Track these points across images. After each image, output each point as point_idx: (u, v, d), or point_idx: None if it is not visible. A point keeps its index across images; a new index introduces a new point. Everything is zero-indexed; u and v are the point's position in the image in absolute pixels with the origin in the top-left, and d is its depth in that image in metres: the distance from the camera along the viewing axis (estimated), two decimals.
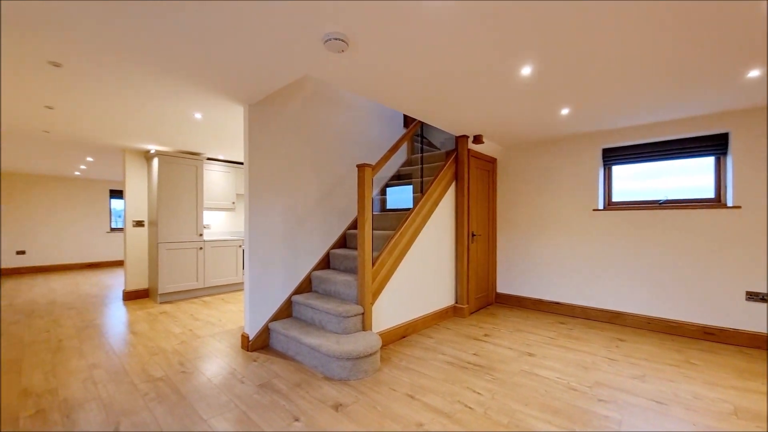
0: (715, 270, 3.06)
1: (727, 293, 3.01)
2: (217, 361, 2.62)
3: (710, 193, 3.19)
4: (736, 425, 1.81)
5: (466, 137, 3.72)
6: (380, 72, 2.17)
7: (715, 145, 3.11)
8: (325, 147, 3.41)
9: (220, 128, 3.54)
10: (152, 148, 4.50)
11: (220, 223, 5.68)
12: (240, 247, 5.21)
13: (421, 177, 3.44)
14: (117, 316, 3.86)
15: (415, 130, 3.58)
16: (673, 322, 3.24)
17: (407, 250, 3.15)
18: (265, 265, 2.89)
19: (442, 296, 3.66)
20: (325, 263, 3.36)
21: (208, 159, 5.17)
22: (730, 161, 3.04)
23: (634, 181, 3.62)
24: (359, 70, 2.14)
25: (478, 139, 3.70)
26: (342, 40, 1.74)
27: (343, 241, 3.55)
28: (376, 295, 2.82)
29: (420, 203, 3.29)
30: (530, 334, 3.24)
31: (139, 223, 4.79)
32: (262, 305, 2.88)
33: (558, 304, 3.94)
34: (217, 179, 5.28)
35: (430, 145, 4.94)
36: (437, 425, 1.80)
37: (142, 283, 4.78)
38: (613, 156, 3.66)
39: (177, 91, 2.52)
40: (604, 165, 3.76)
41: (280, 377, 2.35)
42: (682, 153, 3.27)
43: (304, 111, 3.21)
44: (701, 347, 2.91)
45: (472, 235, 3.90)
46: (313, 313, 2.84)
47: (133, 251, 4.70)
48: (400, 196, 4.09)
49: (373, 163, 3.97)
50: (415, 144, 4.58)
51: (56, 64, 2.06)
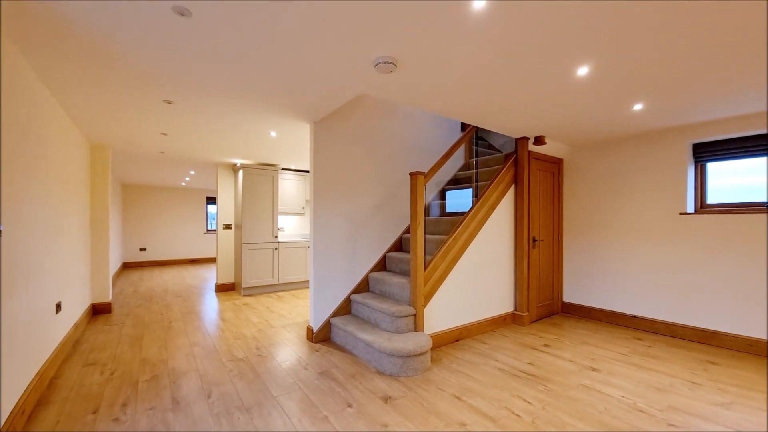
0: None
1: None
2: (286, 349, 2.97)
3: None
4: None
5: (526, 139, 3.60)
6: (429, 86, 2.28)
7: None
8: (384, 155, 3.62)
9: (291, 142, 3.99)
10: (238, 162, 5.23)
11: (292, 226, 6.30)
12: (308, 248, 5.71)
13: (476, 181, 3.42)
14: (210, 305, 4.56)
15: (471, 135, 3.58)
16: None
17: (461, 255, 3.18)
18: (328, 267, 3.19)
19: (500, 302, 3.59)
20: (382, 265, 3.56)
21: (282, 169, 5.79)
22: None
23: (731, 177, 3.12)
24: (409, 87, 2.28)
25: (539, 141, 3.55)
26: (391, 63, 1.90)
27: (399, 245, 3.71)
28: (428, 298, 2.92)
29: (475, 208, 3.29)
30: (598, 349, 3.01)
31: (227, 227, 5.58)
32: (325, 302, 3.18)
33: (636, 318, 3.56)
34: (289, 187, 5.89)
35: (490, 147, 4.84)
36: (480, 427, 1.84)
37: (229, 278, 5.55)
38: (708, 152, 3.20)
39: (258, 116, 2.96)
40: (696, 162, 3.31)
41: (337, 367, 2.59)
42: None
43: (364, 123, 3.46)
44: None
45: (534, 241, 3.74)
46: (369, 312, 3.04)
47: (222, 250, 5.50)
48: (460, 200, 4.11)
49: (426, 171, 4.07)
50: (474, 147, 4.55)
51: (169, 102, 2.61)
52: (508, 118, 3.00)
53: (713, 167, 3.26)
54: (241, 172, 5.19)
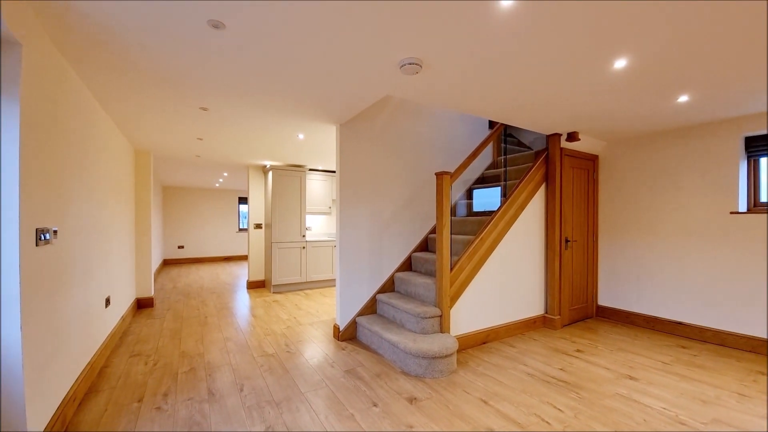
0: None
1: None
2: (313, 346, 3.05)
3: None
4: None
5: (558, 135, 3.46)
6: (455, 86, 2.25)
7: None
8: (409, 155, 3.61)
9: (317, 144, 4.07)
10: (268, 164, 5.40)
11: (319, 226, 6.43)
12: (335, 247, 5.81)
13: (504, 180, 3.33)
14: (242, 301, 4.76)
15: (499, 133, 3.49)
16: None
17: (488, 256, 3.11)
18: (354, 266, 3.23)
19: (530, 305, 3.48)
20: (407, 265, 3.56)
21: (309, 170, 5.92)
22: None
23: None
24: (434, 87, 2.26)
25: (572, 137, 3.40)
26: (416, 64, 1.90)
27: (425, 245, 3.69)
28: (454, 299, 2.88)
29: (503, 207, 3.21)
30: (636, 356, 2.85)
31: (258, 226, 5.79)
32: (351, 301, 3.23)
33: (681, 324, 3.33)
34: (316, 187, 6.01)
35: (520, 144, 4.69)
36: None
37: (260, 275, 5.76)
38: (762, 145, 2.93)
39: (287, 121, 3.04)
40: (748, 157, 3.04)
41: (363, 366, 2.62)
42: None
43: (389, 124, 3.47)
44: None
45: (566, 241, 3.60)
46: (395, 312, 3.05)
47: (253, 249, 5.71)
48: (487, 200, 4.03)
49: (452, 170, 4.01)
50: (502, 145, 4.43)
51: (204, 109, 2.74)
52: (539, 115, 2.90)
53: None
54: (270, 174, 5.36)
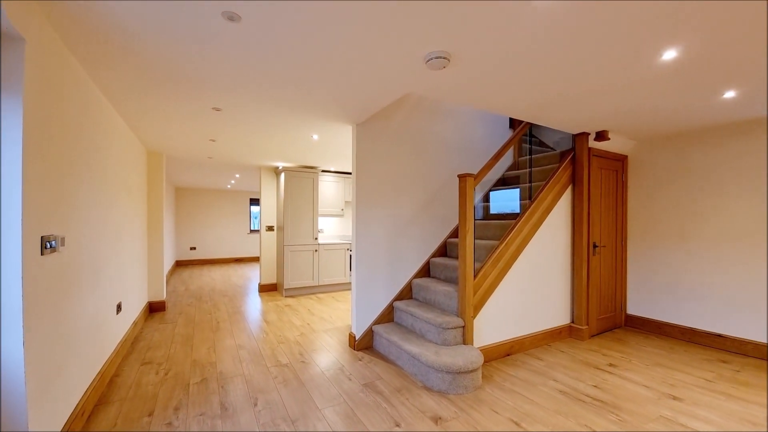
0: None
1: None
2: (328, 356, 2.92)
3: None
4: None
5: (585, 135, 3.27)
6: (484, 82, 2.09)
7: None
8: (427, 156, 3.46)
9: (331, 144, 3.95)
10: (280, 165, 5.32)
11: (331, 228, 6.32)
12: (347, 250, 5.70)
13: (530, 182, 3.16)
14: (254, 305, 4.67)
15: (524, 132, 3.31)
16: None
17: (513, 263, 2.94)
18: (370, 272, 3.10)
19: (555, 314, 3.29)
20: (425, 271, 3.40)
21: (322, 171, 5.81)
22: None
23: None
24: (462, 83, 2.11)
25: (602, 136, 3.21)
26: (444, 57, 1.75)
27: (444, 250, 3.53)
28: (477, 309, 2.72)
29: (528, 211, 3.03)
30: (676, 372, 2.64)
31: (270, 228, 5.71)
32: (367, 309, 3.09)
33: (720, 336, 3.10)
34: (328, 189, 5.90)
35: (542, 144, 4.50)
36: None
37: (271, 278, 5.67)
38: None
39: (302, 121, 2.93)
40: None
41: (382, 379, 2.48)
42: None
43: (407, 123, 3.32)
44: None
45: (594, 247, 3.40)
46: (413, 321, 2.90)
47: (265, 252, 5.63)
48: (506, 203, 3.85)
49: (475, 172, 3.85)
50: (523, 145, 4.24)
51: (217, 109, 2.65)
52: (570, 112, 2.72)
53: None
54: (283, 175, 5.27)
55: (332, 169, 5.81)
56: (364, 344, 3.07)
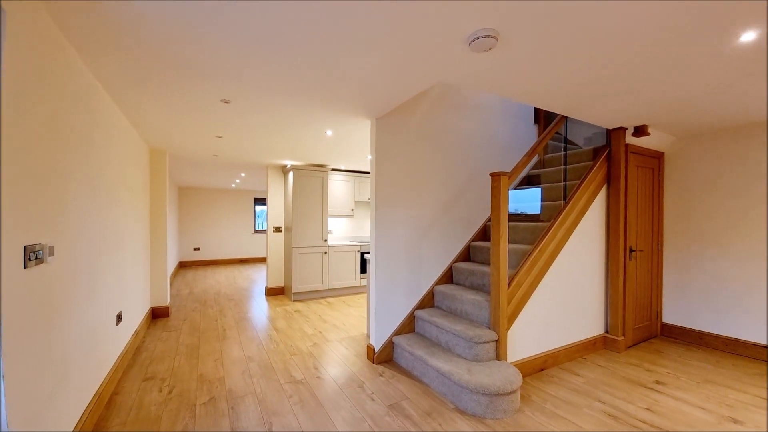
0: None
1: None
2: (346, 370, 2.68)
3: None
4: None
5: (622, 130, 3.01)
6: (527, 67, 1.84)
7: None
8: (449, 153, 3.21)
9: (344, 141, 3.71)
10: (288, 163, 5.08)
11: (341, 229, 6.08)
12: (358, 252, 5.45)
13: (564, 181, 2.91)
14: (262, 310, 4.44)
15: (560, 126, 3.07)
16: None
17: (547, 269, 2.69)
18: (390, 278, 2.86)
19: (589, 324, 3.04)
20: (448, 277, 3.16)
21: (332, 170, 5.57)
22: None
23: None
24: (505, 68, 1.86)
25: (641, 131, 2.95)
26: (492, 37, 1.50)
27: (467, 254, 3.28)
28: (511, 320, 2.48)
29: (563, 213, 2.78)
30: (728, 390, 2.39)
31: (277, 229, 5.48)
32: (387, 318, 2.85)
33: None
34: (338, 188, 5.66)
35: (567, 141, 4.23)
36: None
37: (279, 282, 5.44)
38: None
39: (316, 114, 2.69)
40: None
41: (408, 400, 2.24)
42: None
43: (428, 118, 3.08)
44: None
45: (630, 251, 3.14)
46: (439, 333, 2.66)
47: (272, 254, 5.40)
48: (531, 203, 3.60)
49: (502, 170, 3.60)
50: (549, 142, 3.98)
51: (226, 101, 2.41)
52: (614, 105, 2.46)
53: None
54: (291, 174, 5.04)
55: (342, 168, 5.57)
56: (384, 357, 2.84)
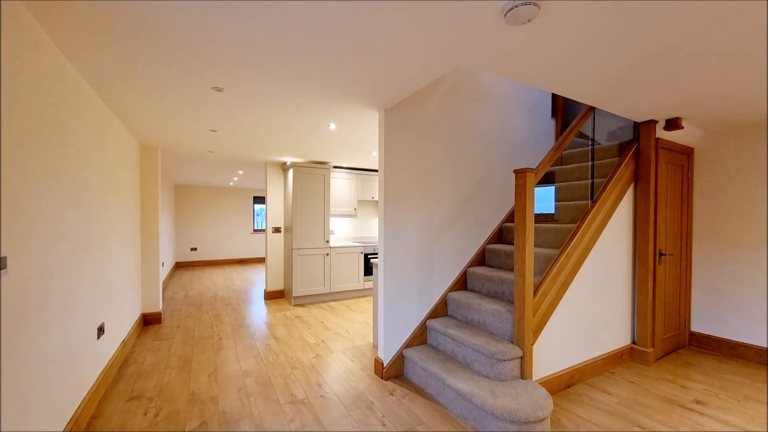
0: None
1: None
2: (352, 387, 2.44)
3: None
4: None
5: (653, 123, 2.76)
6: (567, 46, 1.59)
7: None
8: (462, 149, 2.96)
9: (348, 136, 3.45)
10: (288, 160, 4.82)
11: (343, 230, 5.83)
12: (362, 253, 5.21)
13: (592, 178, 2.66)
14: (260, 316, 4.19)
15: (588, 118, 2.82)
16: None
17: (574, 276, 2.45)
18: (400, 285, 2.61)
19: (615, 334, 2.80)
20: (462, 283, 2.91)
21: (334, 167, 5.31)
22: None
23: None
24: (539, 48, 1.60)
25: (674, 124, 2.70)
26: (534, 5, 1.25)
27: (482, 258, 3.04)
28: (536, 333, 2.23)
29: (591, 214, 2.54)
30: None
31: (276, 230, 5.23)
32: (396, 328, 2.61)
33: None
34: (340, 186, 5.40)
35: (582, 137, 3.99)
36: None
37: (278, 285, 5.19)
38: None
39: (318, 104, 2.43)
40: None
41: (424, 425, 2.00)
42: None
43: (441, 111, 2.82)
44: None
45: (660, 255, 2.90)
46: (454, 346, 2.42)
47: (271, 255, 5.14)
48: (549, 203, 3.35)
49: (522, 167, 3.35)
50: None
51: (218, 89, 2.15)
52: (648, 95, 2.21)
53: None
54: (291, 171, 4.78)
55: (344, 165, 5.32)
56: (393, 372, 2.59)
